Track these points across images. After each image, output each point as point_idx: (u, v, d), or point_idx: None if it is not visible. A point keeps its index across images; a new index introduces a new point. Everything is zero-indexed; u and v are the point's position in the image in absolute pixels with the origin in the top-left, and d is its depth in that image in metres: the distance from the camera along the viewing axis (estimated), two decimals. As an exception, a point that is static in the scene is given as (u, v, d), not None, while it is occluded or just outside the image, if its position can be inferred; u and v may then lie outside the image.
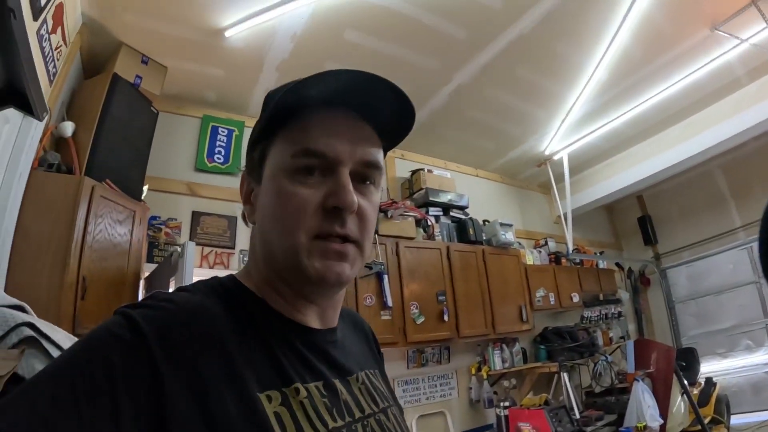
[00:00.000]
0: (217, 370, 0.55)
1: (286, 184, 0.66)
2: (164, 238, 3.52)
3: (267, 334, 0.65)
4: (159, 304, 0.59)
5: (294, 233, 0.64)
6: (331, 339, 0.74)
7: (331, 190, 0.65)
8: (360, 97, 0.68)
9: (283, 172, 0.66)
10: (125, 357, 0.51)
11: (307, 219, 0.64)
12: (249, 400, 0.56)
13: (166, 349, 0.53)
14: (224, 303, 0.64)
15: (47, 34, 2.35)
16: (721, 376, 6.16)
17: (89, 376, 0.48)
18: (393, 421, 0.74)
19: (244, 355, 0.59)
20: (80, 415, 0.46)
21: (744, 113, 4.67)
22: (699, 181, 6.82)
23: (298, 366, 0.65)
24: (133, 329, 0.53)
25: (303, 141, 0.66)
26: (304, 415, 0.60)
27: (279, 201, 0.66)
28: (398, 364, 4.27)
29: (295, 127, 0.67)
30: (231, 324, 0.62)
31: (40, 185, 2.42)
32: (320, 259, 0.64)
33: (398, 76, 3.18)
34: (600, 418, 4.27)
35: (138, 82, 3.21)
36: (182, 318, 0.58)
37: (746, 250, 6.41)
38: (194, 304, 0.62)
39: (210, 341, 0.57)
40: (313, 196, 0.65)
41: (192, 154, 3.88)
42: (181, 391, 0.51)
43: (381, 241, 3.97)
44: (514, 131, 5.09)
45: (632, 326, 7.04)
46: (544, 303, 5.13)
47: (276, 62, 3.57)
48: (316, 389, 0.64)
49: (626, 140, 5.64)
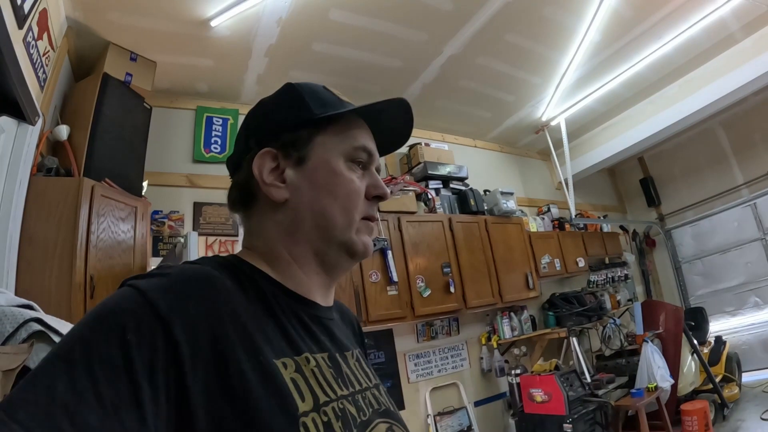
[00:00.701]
0: (233, 337, 0.57)
1: (344, 170, 0.76)
2: (168, 231, 3.55)
3: (275, 306, 0.68)
4: (170, 274, 0.59)
5: (352, 211, 0.75)
6: (331, 316, 0.79)
7: (372, 183, 0.78)
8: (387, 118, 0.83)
9: (341, 158, 0.76)
10: (140, 334, 0.50)
11: (360, 203, 0.76)
12: (267, 366, 0.58)
13: (181, 321, 0.53)
14: (232, 275, 0.66)
15: (34, 41, 2.35)
16: (730, 334, 6.22)
17: (105, 358, 0.48)
18: (384, 396, 0.78)
19: (257, 325, 0.62)
20: (100, 399, 0.45)
21: (741, 68, 4.63)
22: (700, 139, 6.79)
23: (306, 337, 0.68)
24: (145, 302, 0.53)
25: (360, 139, 0.78)
26: (317, 382, 0.63)
27: (338, 181, 0.75)
28: (408, 339, 4.33)
29: (345, 125, 0.78)
30: (241, 295, 0.64)
31: (41, 190, 2.44)
32: (366, 236, 0.77)
33: (387, 52, 3.21)
34: (611, 380, 4.32)
35: (128, 79, 3.21)
36: (196, 288, 0.59)
37: (750, 207, 6.41)
38: (206, 274, 0.63)
39: (223, 309, 0.59)
40: (361, 185, 0.77)
41: (189, 146, 3.89)
42: (199, 360, 0.52)
43: (383, 218, 3.99)
44: (509, 99, 5.07)
45: (639, 288, 7.07)
46: (549, 269, 5.15)
47: (264, 48, 3.56)
48: (323, 360, 0.68)
49: (624, 102, 5.60)
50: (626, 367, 4.73)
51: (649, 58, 4.62)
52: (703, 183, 6.89)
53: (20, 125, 2.33)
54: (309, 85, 0.80)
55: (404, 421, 0.79)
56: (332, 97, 0.80)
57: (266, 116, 0.80)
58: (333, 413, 0.61)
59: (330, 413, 0.61)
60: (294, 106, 0.77)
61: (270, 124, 0.78)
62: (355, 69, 4.03)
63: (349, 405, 0.66)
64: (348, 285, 3.61)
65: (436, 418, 4.09)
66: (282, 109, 0.78)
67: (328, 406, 0.61)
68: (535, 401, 3.83)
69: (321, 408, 0.60)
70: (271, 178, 0.74)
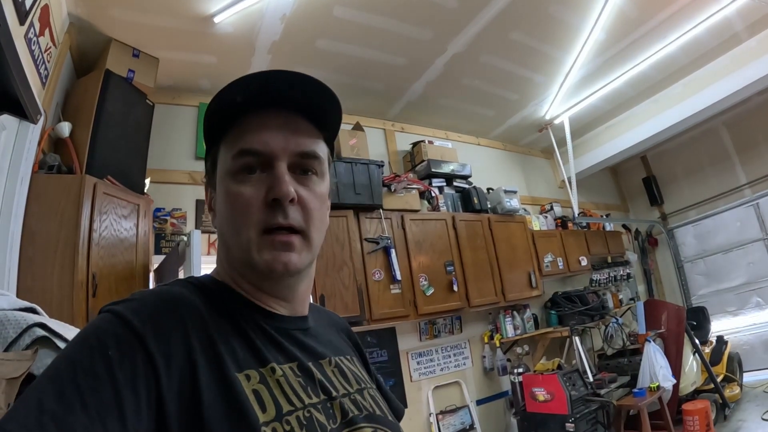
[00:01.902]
0: (201, 352, 0.60)
1: (231, 185, 0.70)
2: (170, 228, 3.54)
3: (241, 320, 0.69)
4: (141, 297, 0.64)
5: (243, 230, 0.68)
6: (302, 327, 0.78)
7: (269, 185, 0.69)
8: (287, 94, 0.72)
9: (227, 175, 0.71)
10: (120, 349, 0.54)
11: (253, 215, 0.68)
12: (227, 380, 0.59)
13: (155, 336, 0.57)
14: (201, 294, 0.69)
15: (35, 37, 2.34)
16: (732, 334, 6.21)
17: (89, 372, 0.51)
18: (369, 400, 0.76)
19: (223, 338, 0.63)
20: (86, 407, 0.48)
21: (745, 68, 4.63)
22: (703, 139, 6.79)
23: (272, 348, 0.69)
24: (122, 323, 0.57)
25: (239, 143, 0.70)
26: (281, 392, 0.63)
27: (227, 201, 0.70)
28: (411, 337, 4.32)
29: (232, 131, 0.72)
30: (208, 311, 0.66)
31: (43, 188, 2.43)
32: (269, 251, 0.68)
33: (391, 49, 3.19)
34: (613, 380, 4.31)
35: (131, 76, 3.18)
36: (165, 307, 0.63)
37: (753, 207, 6.40)
38: (175, 294, 0.66)
39: (192, 326, 0.62)
40: (256, 192, 0.69)
41: (191, 143, 3.88)
42: (173, 371, 0.56)
43: (386, 216, 3.99)
44: (512, 97, 5.05)
45: (641, 287, 7.06)
46: (552, 268, 5.15)
47: (267, 45, 3.54)
48: (290, 369, 0.68)
49: (627, 101, 5.59)
50: (628, 366, 4.73)
51: (653, 57, 4.60)
52: (706, 182, 6.88)
53: (21, 122, 2.32)
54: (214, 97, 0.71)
55: (396, 424, 0.77)
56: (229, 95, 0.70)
57: None
58: (297, 422, 0.61)
59: (294, 422, 0.61)
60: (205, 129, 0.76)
61: None
62: (358, 66, 4.01)
63: (317, 413, 0.65)
64: (351, 283, 3.61)
65: (439, 417, 4.09)
66: None
67: (291, 416, 0.61)
68: (538, 400, 3.82)
69: (284, 417, 0.60)
70: (211, 207, 0.77)
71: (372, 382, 0.84)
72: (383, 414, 0.76)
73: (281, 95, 0.72)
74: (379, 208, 3.95)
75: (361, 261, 3.73)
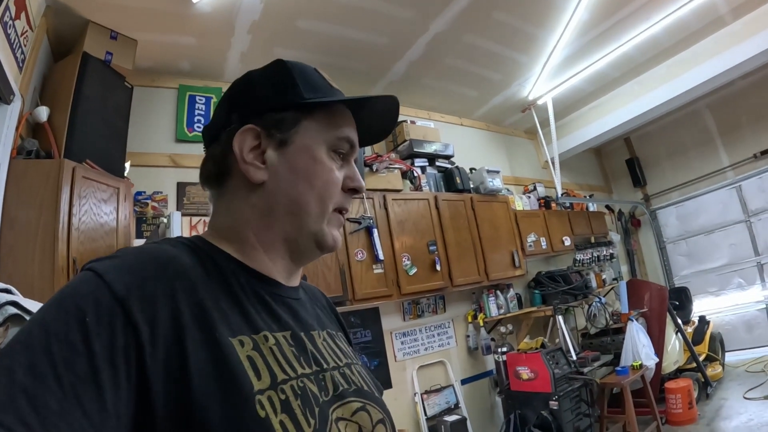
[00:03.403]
0: (189, 315, 0.57)
1: (325, 158, 0.75)
2: (151, 212, 3.51)
3: (235, 284, 0.67)
4: (127, 255, 0.61)
5: (327, 201, 0.74)
6: (296, 296, 0.78)
7: (350, 175, 0.78)
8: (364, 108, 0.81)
9: (324, 146, 0.75)
10: (99, 316, 0.51)
11: (336, 194, 0.75)
12: (221, 345, 0.57)
13: (139, 301, 0.54)
14: (193, 255, 0.67)
15: (11, 21, 2.29)
16: (714, 314, 6.33)
17: (65, 341, 0.48)
18: (357, 375, 0.76)
19: (214, 303, 0.61)
20: (60, 382, 0.46)
21: (729, 52, 4.66)
22: (686, 121, 6.86)
23: (266, 316, 0.68)
24: (103, 285, 0.53)
25: (345, 129, 0.77)
26: (275, 360, 0.62)
27: (317, 169, 0.74)
28: (394, 317, 4.34)
29: (331, 112, 0.77)
30: (200, 274, 0.64)
31: (21, 173, 2.39)
32: (335, 228, 0.77)
33: (373, 28, 3.16)
34: (596, 358, 4.36)
35: (109, 58, 3.13)
36: (153, 268, 0.59)
37: (735, 189, 6.50)
38: (165, 254, 0.63)
39: (179, 287, 0.59)
40: (339, 175, 0.76)
41: (171, 125, 3.83)
42: (158, 340, 0.53)
43: (368, 195, 3.97)
44: (495, 77, 5.04)
45: (624, 267, 7.16)
46: (535, 248, 5.18)
47: (247, 25, 3.49)
48: (284, 338, 0.67)
49: (611, 82, 5.61)
50: (611, 345, 4.79)
51: (637, 38, 4.61)
52: (689, 164, 6.96)
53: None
54: (300, 65, 0.77)
55: (382, 401, 0.77)
56: (323, 81, 0.78)
57: (253, 91, 0.76)
58: (292, 391, 0.61)
59: (288, 391, 0.60)
60: (283, 85, 0.74)
61: (256, 100, 0.75)
62: (340, 46, 3.97)
63: (311, 383, 0.65)
64: (334, 263, 3.60)
65: (423, 396, 4.12)
66: (270, 86, 0.75)
67: (286, 384, 0.61)
68: (522, 379, 3.87)
69: (279, 386, 0.60)
70: (251, 156, 0.72)
71: (358, 359, 0.84)
72: (370, 390, 0.76)
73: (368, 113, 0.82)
74: (361, 188, 3.92)
75: (343, 241, 3.70)
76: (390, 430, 0.75)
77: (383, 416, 0.74)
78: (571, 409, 3.73)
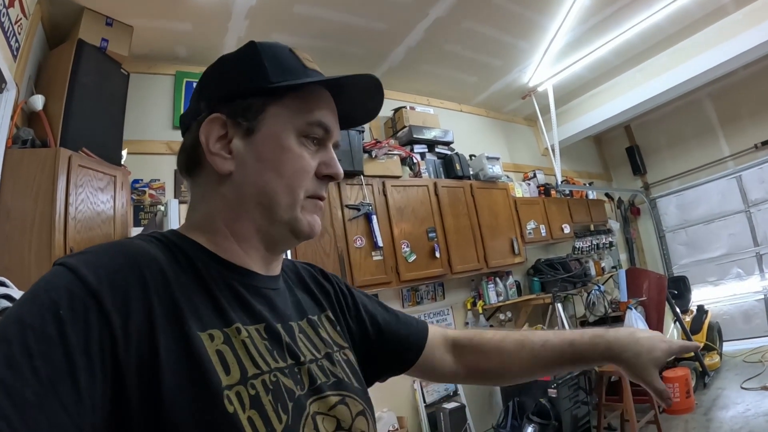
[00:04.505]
0: (161, 310, 0.57)
1: (294, 145, 0.72)
2: (149, 200, 3.49)
3: (207, 277, 0.66)
4: (99, 250, 0.60)
5: (297, 190, 0.71)
6: (274, 286, 0.76)
7: (324, 161, 0.74)
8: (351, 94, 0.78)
9: (292, 133, 0.72)
10: (73, 309, 0.51)
11: (307, 181, 0.72)
12: (188, 339, 0.57)
13: (112, 294, 0.54)
14: (164, 248, 0.66)
15: (4, 9, 2.27)
16: (712, 304, 6.32)
17: (40, 334, 0.48)
18: (338, 366, 0.75)
19: (185, 296, 0.61)
20: (36, 374, 0.45)
21: (731, 41, 4.63)
22: (687, 110, 6.82)
23: (238, 308, 0.66)
24: (76, 279, 0.53)
25: (317, 113, 0.73)
26: (247, 354, 0.62)
27: (285, 158, 0.71)
28: (393, 304, 4.22)
29: (304, 96, 0.73)
30: (171, 267, 0.63)
31: (17, 163, 2.38)
32: (310, 213, 0.73)
33: (371, 14, 3.12)
34: (595, 345, 4.37)
35: (104, 45, 3.09)
36: (124, 262, 0.59)
37: (735, 179, 6.48)
38: (135, 248, 0.62)
39: (152, 283, 0.58)
40: (311, 161, 0.73)
41: (168, 112, 3.79)
42: (130, 332, 0.53)
43: (367, 182, 3.95)
44: (495, 63, 4.99)
45: (624, 256, 7.16)
46: (535, 235, 5.17)
47: (244, 10, 3.44)
48: (257, 332, 0.66)
49: (612, 69, 5.57)
50: (610, 333, 4.80)
51: (639, 25, 4.56)
52: (689, 153, 6.94)
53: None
54: (273, 46, 0.74)
55: (363, 391, 0.77)
56: (296, 63, 0.74)
57: (221, 77, 0.74)
58: (263, 386, 0.60)
59: (259, 386, 0.60)
60: (251, 69, 0.71)
61: (223, 87, 0.73)
62: (337, 31, 3.93)
63: (285, 378, 0.64)
64: (332, 250, 3.59)
65: (422, 384, 4.13)
66: (238, 71, 0.73)
67: (257, 379, 0.60)
68: (520, 366, 3.88)
69: (249, 381, 0.59)
70: (218, 147, 0.71)
71: (345, 341, 0.83)
72: (350, 381, 0.75)
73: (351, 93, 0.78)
74: (360, 175, 3.91)
75: (342, 228, 3.70)
76: (371, 421, 0.74)
77: (363, 407, 0.73)
78: (570, 397, 3.75)
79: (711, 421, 4.05)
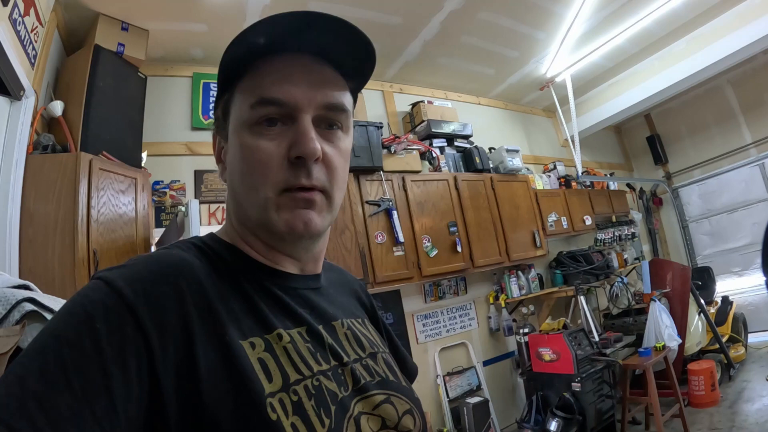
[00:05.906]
0: (199, 320, 0.56)
1: (247, 137, 0.64)
2: (170, 201, 3.53)
3: (245, 282, 0.64)
4: (136, 263, 0.59)
5: (260, 189, 0.63)
6: (314, 286, 0.74)
7: (293, 140, 0.62)
8: (313, 39, 0.64)
9: (243, 126, 0.64)
10: (108, 322, 0.50)
11: (272, 173, 0.62)
12: (232, 348, 0.56)
13: (148, 306, 0.53)
14: (203, 255, 0.65)
15: (20, 18, 2.31)
16: (737, 294, 6.20)
17: (75, 347, 0.47)
18: (382, 365, 0.74)
19: (224, 304, 0.59)
20: (71, 387, 0.45)
21: (750, 25, 4.52)
22: (708, 97, 6.71)
23: (278, 312, 0.65)
24: (112, 292, 0.52)
25: (258, 90, 0.63)
26: (288, 360, 0.60)
27: (242, 156, 0.64)
28: (416, 299, 4.33)
29: (250, 77, 0.65)
30: (209, 275, 0.61)
31: (38, 168, 2.44)
32: (288, 210, 0.63)
33: (386, 8, 3.10)
34: (619, 339, 4.31)
35: (121, 50, 3.14)
36: (161, 273, 0.58)
37: (758, 167, 6.36)
38: (172, 259, 0.61)
39: (190, 293, 0.57)
40: (276, 147, 0.63)
41: (186, 113, 3.83)
42: (168, 345, 0.52)
43: (387, 177, 3.94)
44: (512, 55, 4.95)
45: (646, 247, 7.07)
46: (556, 227, 5.12)
47: (258, 9, 3.45)
48: (299, 335, 0.64)
49: (630, 57, 5.49)
50: (634, 326, 4.74)
51: (657, 12, 4.48)
52: (711, 141, 6.82)
53: (12, 104, 2.31)
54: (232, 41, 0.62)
55: (410, 390, 0.74)
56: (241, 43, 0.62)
57: None
58: (305, 391, 0.59)
59: (301, 392, 0.58)
60: (220, 76, 0.67)
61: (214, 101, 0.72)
62: (353, 27, 3.91)
63: (327, 380, 0.63)
64: (354, 246, 3.59)
65: (446, 378, 4.12)
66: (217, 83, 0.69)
67: (299, 385, 0.59)
68: (544, 360, 3.85)
69: (291, 387, 0.58)
70: (219, 159, 0.72)
71: (385, 346, 0.81)
72: (396, 379, 0.73)
73: (309, 41, 0.64)
74: (380, 170, 3.90)
75: (363, 224, 3.70)
76: (419, 419, 0.71)
77: (410, 406, 0.71)
78: (594, 391, 3.70)
79: (736, 414, 3.97)
